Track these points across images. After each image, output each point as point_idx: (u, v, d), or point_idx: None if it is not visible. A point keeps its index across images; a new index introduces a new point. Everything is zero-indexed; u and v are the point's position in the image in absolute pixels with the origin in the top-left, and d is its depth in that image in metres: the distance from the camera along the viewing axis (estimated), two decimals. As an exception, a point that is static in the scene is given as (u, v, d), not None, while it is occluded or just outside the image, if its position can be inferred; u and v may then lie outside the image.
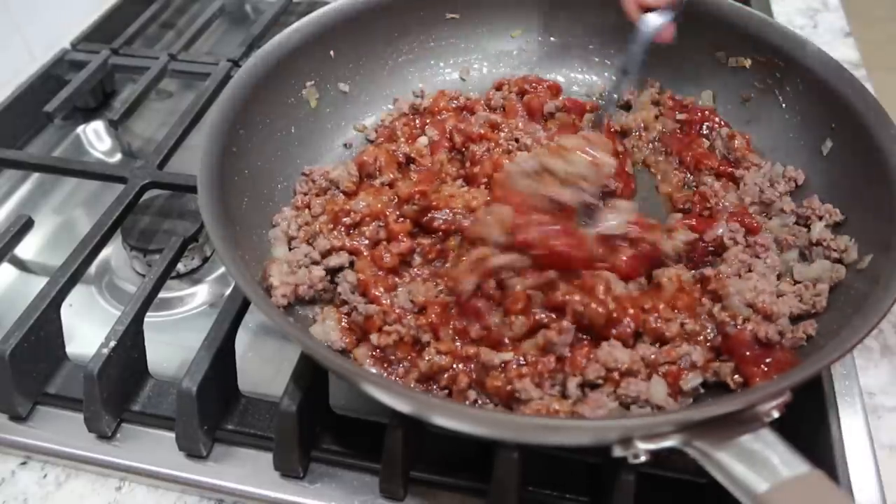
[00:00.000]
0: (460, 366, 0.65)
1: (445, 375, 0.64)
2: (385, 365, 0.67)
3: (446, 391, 0.65)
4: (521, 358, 0.64)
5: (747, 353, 0.64)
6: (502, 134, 0.86)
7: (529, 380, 0.62)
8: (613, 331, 0.66)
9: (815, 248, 0.72)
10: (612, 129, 0.89)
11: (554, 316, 0.67)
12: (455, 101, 0.92)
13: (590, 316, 0.65)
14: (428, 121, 0.90)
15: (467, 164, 0.84)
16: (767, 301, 0.66)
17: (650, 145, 0.89)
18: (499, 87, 0.95)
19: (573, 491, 0.63)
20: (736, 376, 0.64)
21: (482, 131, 0.86)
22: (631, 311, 0.66)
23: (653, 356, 0.64)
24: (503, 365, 0.63)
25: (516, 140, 0.85)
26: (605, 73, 0.97)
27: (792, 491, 0.47)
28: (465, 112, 0.91)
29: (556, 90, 0.94)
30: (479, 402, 0.64)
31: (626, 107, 0.93)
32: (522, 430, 0.55)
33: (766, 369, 0.63)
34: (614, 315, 0.66)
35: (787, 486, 0.47)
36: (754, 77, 0.86)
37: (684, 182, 0.84)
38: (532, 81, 0.94)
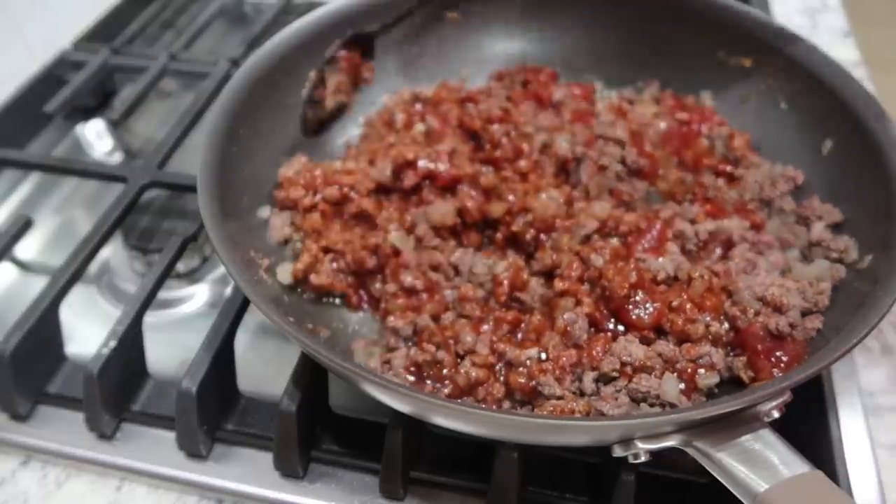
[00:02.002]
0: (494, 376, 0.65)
1: (482, 389, 0.64)
2: (419, 377, 0.66)
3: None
4: (544, 353, 0.65)
5: (759, 346, 0.64)
6: (522, 118, 0.87)
7: (551, 375, 0.62)
8: (633, 315, 0.66)
9: (814, 248, 0.72)
10: (623, 111, 0.89)
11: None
12: (456, 94, 0.92)
13: (611, 287, 0.66)
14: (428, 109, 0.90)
15: (486, 147, 0.83)
16: (777, 293, 0.66)
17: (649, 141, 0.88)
18: (499, 78, 0.95)
19: (573, 491, 0.63)
20: (749, 371, 0.64)
21: (501, 113, 0.86)
22: (657, 304, 0.67)
23: (671, 353, 0.64)
24: (527, 361, 0.64)
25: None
26: (607, 73, 0.97)
27: (792, 491, 0.47)
28: (467, 103, 0.91)
29: (554, 77, 0.95)
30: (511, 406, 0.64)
31: (627, 101, 0.94)
32: (522, 430, 0.55)
33: (776, 362, 0.63)
34: (637, 294, 0.67)
35: (787, 486, 0.47)
36: (754, 77, 0.86)
37: (682, 179, 0.84)
38: (531, 70, 0.94)
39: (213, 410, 0.66)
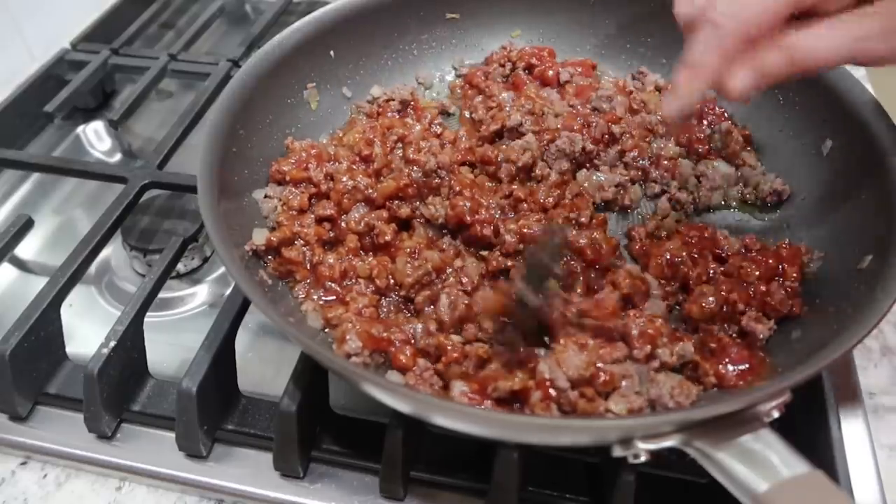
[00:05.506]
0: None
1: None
2: None
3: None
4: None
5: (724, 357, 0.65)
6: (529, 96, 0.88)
7: None
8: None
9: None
10: (627, 90, 0.90)
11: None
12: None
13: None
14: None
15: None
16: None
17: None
18: (501, 64, 0.94)
19: (573, 491, 0.63)
20: (710, 377, 0.64)
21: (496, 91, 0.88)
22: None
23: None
24: None
25: (528, 109, 0.86)
26: (607, 71, 0.97)
27: (792, 491, 0.47)
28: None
29: (553, 54, 0.95)
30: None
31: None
32: (522, 430, 0.55)
33: (734, 370, 0.64)
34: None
35: (787, 486, 0.47)
36: (754, 77, 0.86)
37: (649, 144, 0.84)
38: (531, 55, 0.94)
39: (213, 410, 0.66)
